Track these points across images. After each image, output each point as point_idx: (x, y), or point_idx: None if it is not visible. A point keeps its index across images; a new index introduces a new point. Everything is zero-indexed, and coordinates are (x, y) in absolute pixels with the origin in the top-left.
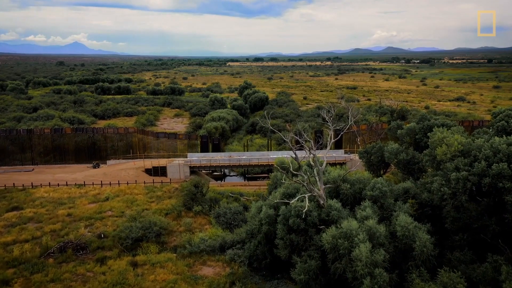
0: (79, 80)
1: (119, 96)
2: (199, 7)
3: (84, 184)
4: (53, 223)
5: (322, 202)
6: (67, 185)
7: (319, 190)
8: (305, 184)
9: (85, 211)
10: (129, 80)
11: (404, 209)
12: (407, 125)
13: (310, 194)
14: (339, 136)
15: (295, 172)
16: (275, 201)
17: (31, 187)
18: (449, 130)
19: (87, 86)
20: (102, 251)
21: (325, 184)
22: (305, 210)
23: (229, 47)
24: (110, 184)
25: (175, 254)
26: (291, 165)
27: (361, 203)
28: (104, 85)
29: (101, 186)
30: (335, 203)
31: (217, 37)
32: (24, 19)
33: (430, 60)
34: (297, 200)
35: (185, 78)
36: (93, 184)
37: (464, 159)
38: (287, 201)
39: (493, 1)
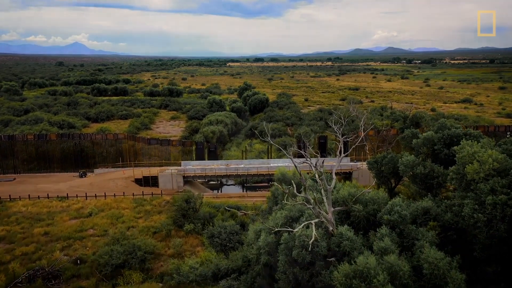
0: (76, 81)
1: (115, 98)
2: (199, 7)
3: (67, 197)
4: (26, 244)
5: (331, 228)
6: (48, 197)
7: (327, 214)
8: (311, 207)
9: (64, 229)
10: (127, 81)
11: (429, 238)
12: (424, 134)
13: (317, 220)
14: (350, 149)
15: (299, 195)
16: (276, 229)
17: (9, 199)
18: (479, 143)
19: (83, 87)
20: (77, 280)
21: (333, 205)
22: (311, 241)
23: (230, 48)
24: (95, 196)
25: (161, 284)
26: (294, 185)
27: (377, 229)
28: (101, 86)
29: (86, 199)
30: (347, 231)
31: (217, 38)
32: (25, 20)
33: (431, 60)
34: (302, 227)
35: (184, 79)
36: (77, 197)
37: (502, 179)
38: (290, 229)
39: (493, 1)
